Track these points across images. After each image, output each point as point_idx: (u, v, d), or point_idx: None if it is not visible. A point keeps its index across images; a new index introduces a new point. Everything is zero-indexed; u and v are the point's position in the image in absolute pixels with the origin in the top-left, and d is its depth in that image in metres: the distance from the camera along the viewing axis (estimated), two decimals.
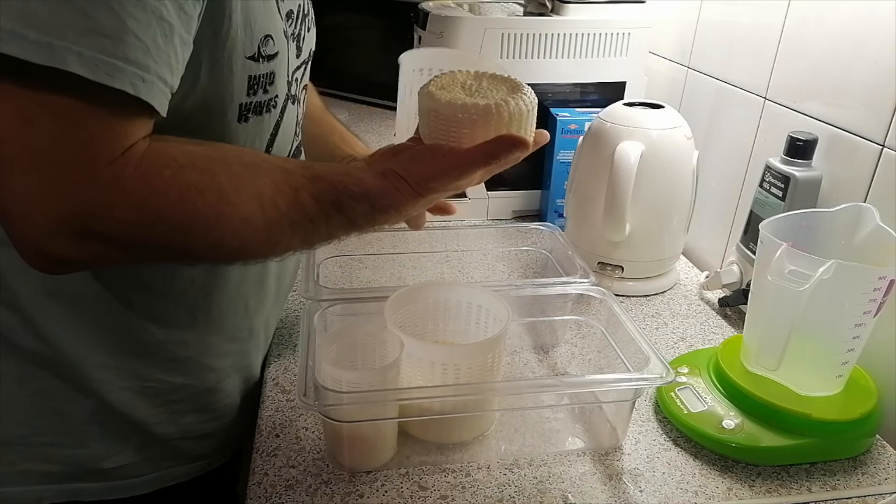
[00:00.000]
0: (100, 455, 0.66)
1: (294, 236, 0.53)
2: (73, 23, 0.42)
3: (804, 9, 0.85)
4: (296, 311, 0.88)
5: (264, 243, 0.53)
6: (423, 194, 0.56)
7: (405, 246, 0.98)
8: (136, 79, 0.45)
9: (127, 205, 0.46)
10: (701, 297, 0.96)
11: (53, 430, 0.63)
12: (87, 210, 0.46)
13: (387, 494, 0.62)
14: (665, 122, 0.92)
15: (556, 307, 0.80)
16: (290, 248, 0.56)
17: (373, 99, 1.80)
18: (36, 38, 0.41)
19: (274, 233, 0.52)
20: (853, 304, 0.64)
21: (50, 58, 0.42)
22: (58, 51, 0.42)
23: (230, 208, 0.49)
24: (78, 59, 0.42)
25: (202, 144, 0.51)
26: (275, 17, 0.58)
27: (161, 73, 0.46)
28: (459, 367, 0.65)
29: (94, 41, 0.43)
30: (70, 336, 0.61)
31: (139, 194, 0.47)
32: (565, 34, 1.06)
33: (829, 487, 0.65)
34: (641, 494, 0.63)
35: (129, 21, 0.44)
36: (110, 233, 0.47)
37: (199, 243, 0.50)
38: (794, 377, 0.68)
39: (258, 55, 0.56)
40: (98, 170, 0.45)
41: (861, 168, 0.76)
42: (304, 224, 0.53)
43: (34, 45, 0.41)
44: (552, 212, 1.12)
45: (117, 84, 0.44)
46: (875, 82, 0.74)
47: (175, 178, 0.48)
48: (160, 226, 0.48)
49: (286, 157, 0.60)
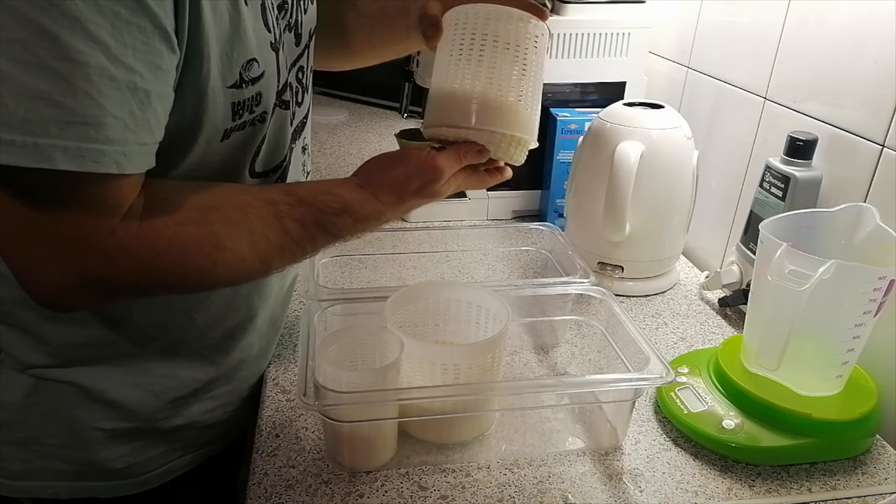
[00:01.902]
0: (109, 457, 0.66)
1: (283, 259, 0.58)
2: (53, 117, 0.42)
3: (804, 9, 0.85)
4: (296, 311, 0.88)
5: (257, 272, 0.58)
6: (402, 198, 0.61)
7: (405, 246, 0.98)
8: (119, 156, 0.46)
9: (133, 268, 0.50)
10: (701, 297, 0.96)
11: (61, 433, 0.64)
12: (95, 277, 0.49)
13: (387, 494, 0.62)
14: (665, 122, 0.92)
15: (556, 307, 0.80)
16: (280, 268, 0.60)
17: (373, 99, 1.80)
18: (22, 141, 0.42)
19: (265, 262, 0.57)
20: (853, 304, 0.64)
21: (39, 159, 0.42)
22: (44, 149, 0.42)
23: (226, 253, 0.53)
24: (64, 155, 0.43)
25: (195, 190, 0.54)
26: (260, 33, 0.57)
27: (141, 139, 0.47)
28: (459, 367, 0.65)
29: (76, 131, 0.43)
30: (74, 350, 0.62)
31: (144, 257, 0.50)
32: (565, 34, 1.06)
33: (829, 487, 0.65)
34: (641, 494, 0.63)
35: (106, 102, 0.44)
36: (119, 289, 0.52)
37: (197, 285, 0.57)
38: (794, 377, 0.68)
39: (240, 82, 0.56)
40: (101, 242, 0.48)
41: (861, 168, 0.76)
42: (292, 248, 0.57)
43: (20, 150, 0.42)
44: (552, 212, 1.12)
45: (102, 169, 0.45)
46: (875, 82, 0.74)
47: (175, 237, 0.51)
48: (165, 280, 0.52)
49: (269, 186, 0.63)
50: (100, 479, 0.67)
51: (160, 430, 0.68)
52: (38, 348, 0.62)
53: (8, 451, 0.65)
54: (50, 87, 0.42)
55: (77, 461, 0.66)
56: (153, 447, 0.69)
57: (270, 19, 0.59)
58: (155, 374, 0.66)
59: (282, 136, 0.65)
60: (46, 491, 0.66)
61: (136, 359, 0.64)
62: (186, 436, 0.71)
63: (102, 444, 0.66)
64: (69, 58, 0.42)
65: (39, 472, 0.65)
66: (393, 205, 0.61)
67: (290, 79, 0.64)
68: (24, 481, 0.66)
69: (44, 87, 0.42)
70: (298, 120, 0.70)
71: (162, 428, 0.68)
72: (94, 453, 0.66)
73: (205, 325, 0.67)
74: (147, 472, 0.69)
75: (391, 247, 0.99)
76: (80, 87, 0.42)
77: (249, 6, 0.55)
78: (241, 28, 0.54)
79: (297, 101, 0.68)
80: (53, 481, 0.66)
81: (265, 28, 0.58)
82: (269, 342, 0.78)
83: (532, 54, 0.63)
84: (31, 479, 0.66)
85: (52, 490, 0.66)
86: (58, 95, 0.42)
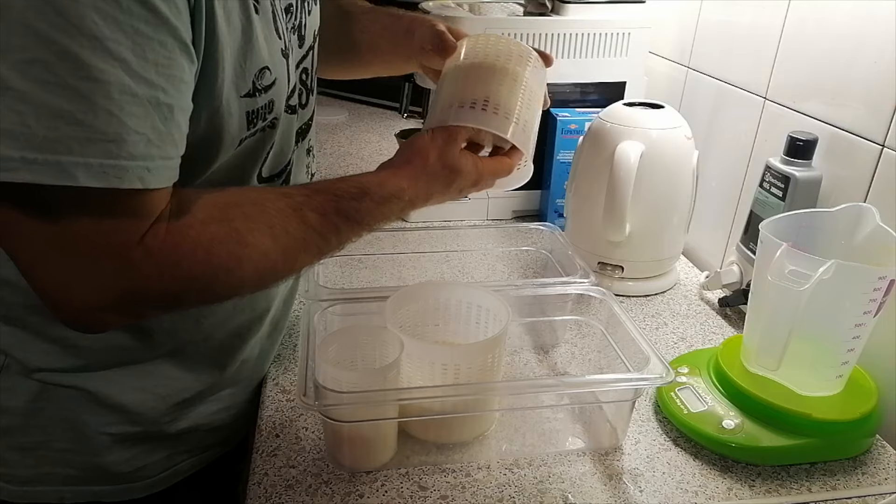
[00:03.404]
0: (115, 461, 0.66)
1: (308, 253, 0.56)
2: (74, 135, 0.42)
3: (804, 9, 0.85)
4: (296, 311, 0.88)
5: (282, 269, 0.56)
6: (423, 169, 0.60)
7: (405, 246, 0.98)
8: (143, 171, 0.45)
9: (162, 274, 0.49)
10: (701, 297, 0.96)
11: (67, 438, 0.64)
12: (126, 290, 0.48)
13: (387, 494, 0.62)
14: (665, 122, 0.92)
15: (556, 307, 0.80)
16: (307, 264, 0.58)
17: (373, 99, 1.80)
18: (44, 159, 0.42)
19: (289, 257, 0.55)
20: (853, 304, 0.64)
21: (61, 177, 0.42)
22: (66, 167, 0.42)
23: (249, 249, 0.52)
24: (86, 172, 0.43)
25: (212, 192, 0.54)
26: (271, 41, 0.57)
27: (166, 153, 0.47)
28: (459, 367, 0.65)
29: (98, 148, 0.43)
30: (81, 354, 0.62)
31: (171, 261, 0.49)
32: (565, 34, 1.06)
33: (829, 487, 0.65)
34: (641, 494, 0.63)
35: (128, 119, 0.44)
36: (149, 301, 0.51)
37: (225, 286, 0.53)
38: (794, 377, 0.68)
39: (254, 90, 0.56)
40: (130, 253, 0.47)
41: (861, 168, 0.76)
42: (316, 240, 0.56)
43: (42, 167, 0.42)
44: (552, 212, 1.12)
45: (126, 184, 0.45)
46: (875, 82, 0.74)
47: (200, 235, 0.50)
48: (193, 284, 0.51)
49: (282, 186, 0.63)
50: (105, 483, 0.67)
51: (165, 434, 0.68)
52: (46, 352, 0.61)
53: (13, 457, 0.64)
54: (71, 106, 0.42)
55: (83, 465, 0.65)
56: (158, 451, 0.69)
57: (280, 25, 0.59)
58: (161, 378, 0.66)
59: (287, 139, 0.65)
60: (51, 496, 0.66)
61: (142, 363, 0.65)
62: (191, 439, 0.71)
63: (108, 448, 0.65)
64: (90, 77, 0.42)
65: (45, 476, 0.65)
66: (413, 179, 0.60)
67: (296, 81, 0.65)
68: (30, 486, 0.65)
69: (65, 106, 0.42)
70: (303, 122, 0.70)
71: (167, 431, 0.68)
72: (100, 457, 0.65)
73: (211, 328, 0.67)
74: (152, 475, 0.69)
75: (391, 247, 0.99)
76: (101, 105, 0.42)
77: (261, 14, 0.55)
78: (254, 37, 0.54)
79: (301, 103, 0.68)
80: (59, 486, 0.66)
81: (276, 34, 0.58)
82: (272, 344, 0.78)
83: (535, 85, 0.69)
84: (36, 485, 0.65)
85: (57, 495, 0.66)
86: (79, 114, 0.42)
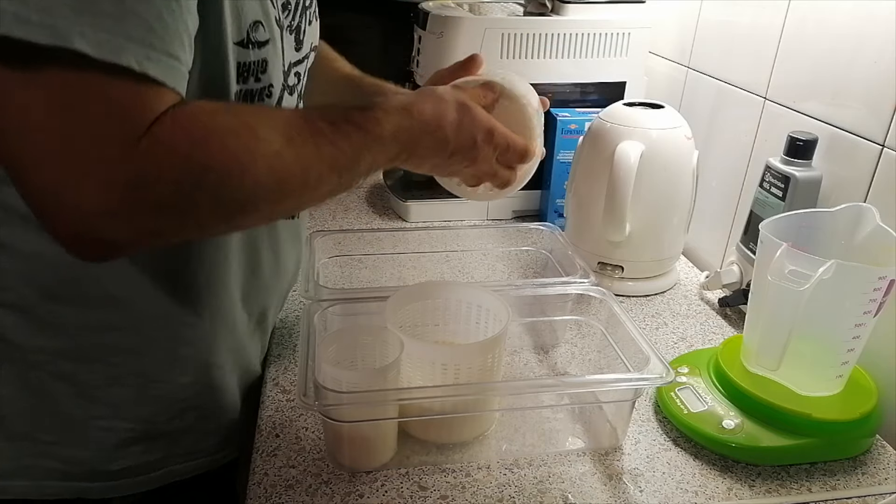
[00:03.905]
0: (104, 458, 0.65)
1: (322, 163, 0.53)
2: (73, 5, 0.42)
3: (804, 9, 0.85)
4: (296, 311, 0.88)
5: (299, 178, 0.52)
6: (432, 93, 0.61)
7: (405, 246, 0.98)
8: (142, 56, 0.44)
9: (173, 162, 0.46)
10: (701, 297, 0.96)
11: (55, 428, 0.63)
12: (134, 181, 0.45)
13: (387, 494, 0.62)
14: (665, 122, 0.92)
15: (556, 307, 0.80)
16: (325, 181, 0.55)
17: None
18: (39, 20, 0.41)
19: (303, 164, 0.52)
20: (853, 304, 0.64)
21: (54, 37, 0.42)
22: (61, 30, 0.42)
23: (263, 144, 0.49)
24: (82, 38, 0.42)
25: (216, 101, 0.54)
26: (265, 2, 0.58)
27: (171, 48, 0.46)
28: (459, 367, 0.65)
29: (96, 21, 0.43)
30: (74, 335, 0.61)
31: (183, 147, 0.46)
32: (565, 34, 1.06)
33: (829, 487, 0.65)
34: (641, 494, 0.63)
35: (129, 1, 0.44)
36: (161, 199, 0.46)
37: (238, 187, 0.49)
38: (794, 377, 0.68)
39: (247, 41, 0.56)
40: (136, 142, 0.44)
41: (861, 168, 0.76)
42: (328, 149, 0.53)
43: (38, 27, 0.41)
44: (552, 212, 1.12)
45: (123, 61, 0.43)
46: (875, 82, 0.74)
47: (210, 123, 0.48)
48: (206, 177, 0.47)
49: None
50: (93, 480, 0.66)
51: (159, 433, 0.67)
52: (37, 332, 0.60)
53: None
54: None
55: (69, 459, 0.64)
56: (151, 451, 0.68)
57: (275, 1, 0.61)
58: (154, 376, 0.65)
59: None
60: (32, 491, 0.64)
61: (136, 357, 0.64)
62: (187, 439, 0.70)
63: (98, 443, 0.64)
64: None
65: (27, 469, 0.64)
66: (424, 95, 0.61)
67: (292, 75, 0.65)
68: (10, 480, 0.64)
69: None
70: None
71: (161, 431, 0.67)
72: (89, 453, 0.64)
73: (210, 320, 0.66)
74: (142, 474, 0.68)
75: (391, 247, 0.99)
76: None
77: None
78: None
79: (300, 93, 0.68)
80: (41, 480, 0.64)
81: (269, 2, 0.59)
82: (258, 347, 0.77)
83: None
84: (18, 479, 0.64)
85: (38, 490, 0.64)
86: None
